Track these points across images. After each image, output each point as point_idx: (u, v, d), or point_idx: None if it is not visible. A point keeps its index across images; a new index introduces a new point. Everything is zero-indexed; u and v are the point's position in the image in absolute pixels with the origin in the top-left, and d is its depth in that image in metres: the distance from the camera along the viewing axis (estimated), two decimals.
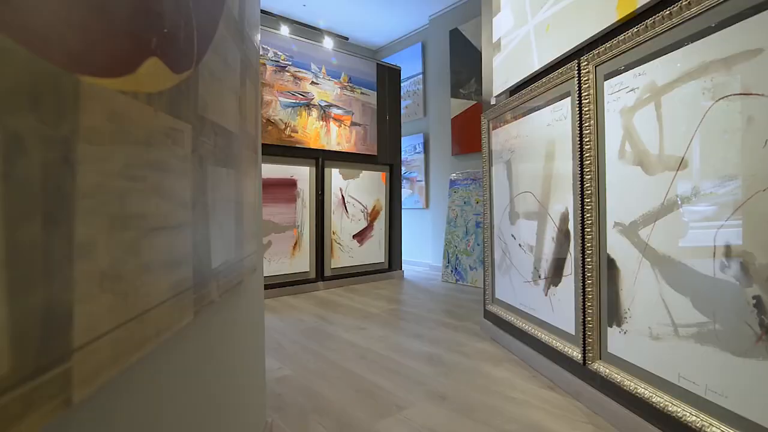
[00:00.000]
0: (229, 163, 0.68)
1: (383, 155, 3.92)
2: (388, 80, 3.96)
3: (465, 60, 4.06)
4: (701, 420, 0.95)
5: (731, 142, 0.88)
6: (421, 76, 4.81)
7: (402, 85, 4.98)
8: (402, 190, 4.94)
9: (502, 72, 1.93)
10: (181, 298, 0.47)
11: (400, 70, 4.12)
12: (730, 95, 0.87)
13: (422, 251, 4.82)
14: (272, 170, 3.12)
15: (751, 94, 0.84)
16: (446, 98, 4.32)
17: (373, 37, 5.18)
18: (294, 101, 3.22)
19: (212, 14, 0.59)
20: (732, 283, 0.88)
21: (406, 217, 4.89)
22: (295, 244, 3.25)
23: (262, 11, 4.19)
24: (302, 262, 3.30)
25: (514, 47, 1.80)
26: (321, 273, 3.43)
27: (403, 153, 4.95)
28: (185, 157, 0.49)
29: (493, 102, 2.07)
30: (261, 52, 3.00)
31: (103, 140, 0.32)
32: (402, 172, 4.97)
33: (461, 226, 3.81)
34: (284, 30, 3.59)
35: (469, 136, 3.99)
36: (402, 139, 4.82)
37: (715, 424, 0.92)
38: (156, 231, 0.41)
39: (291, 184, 3.22)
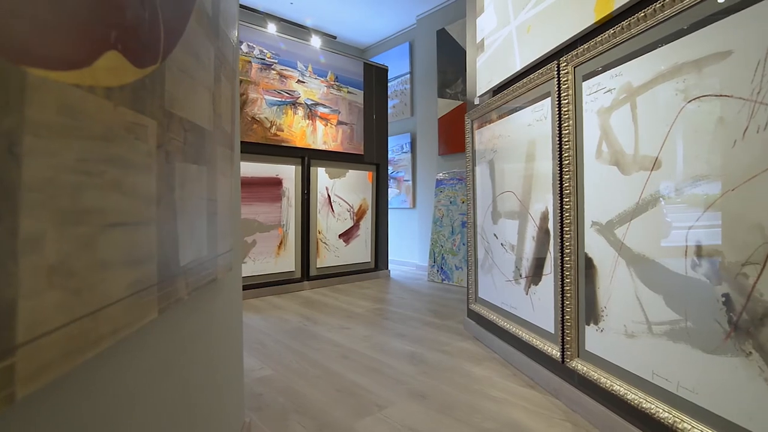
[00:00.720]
0: (201, 160, 0.67)
1: (370, 154, 3.92)
2: (375, 79, 3.96)
3: (452, 60, 4.08)
4: (673, 417, 0.96)
5: (702, 142, 0.89)
6: (408, 75, 4.82)
7: (389, 84, 4.99)
8: (389, 189, 4.95)
9: (486, 72, 1.94)
10: (144, 295, 0.47)
11: (387, 70, 4.12)
12: (702, 96, 0.89)
13: (409, 251, 4.83)
14: (257, 169, 3.09)
15: (721, 95, 0.85)
16: (433, 98, 4.33)
17: (361, 36, 5.17)
18: (280, 100, 3.20)
19: (182, 9, 0.58)
20: (703, 282, 0.90)
21: (393, 216, 4.90)
22: (281, 243, 3.23)
23: (248, 8, 4.16)
24: (287, 262, 3.28)
25: (497, 48, 1.82)
26: (306, 272, 3.42)
27: (390, 152, 4.96)
28: (149, 153, 0.48)
29: (476, 102, 2.08)
30: (246, 50, 2.98)
31: (54, 134, 0.32)
32: (389, 172, 4.98)
33: (447, 226, 3.83)
34: (271, 28, 3.57)
35: (455, 136, 4.00)
36: (389, 138, 4.83)
37: (687, 420, 0.94)
38: (115, 227, 0.40)
39: (276, 183, 3.20)
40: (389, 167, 4.98)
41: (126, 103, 0.42)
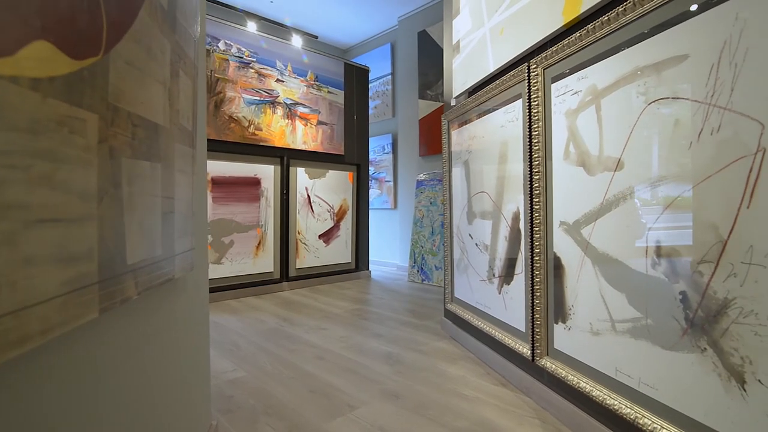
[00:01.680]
0: (154, 157, 0.66)
1: (350, 155, 3.90)
2: (356, 80, 3.96)
3: (432, 62, 4.10)
4: (635, 412, 0.98)
5: (661, 144, 0.91)
6: (390, 76, 4.82)
7: (371, 85, 4.99)
8: (370, 190, 4.94)
9: (461, 73, 1.95)
10: (81, 294, 0.45)
11: (368, 70, 4.12)
12: (660, 99, 0.91)
13: (390, 251, 4.83)
14: (235, 168, 3.05)
15: (678, 98, 0.87)
16: (414, 99, 4.34)
17: (343, 37, 5.16)
18: (258, 99, 3.17)
19: (129, 1, 0.57)
20: (662, 280, 0.92)
21: (374, 217, 4.90)
22: (259, 243, 3.20)
23: (226, 6, 4.11)
24: (266, 262, 3.25)
25: (472, 49, 1.83)
26: (285, 273, 3.39)
27: (372, 153, 4.96)
28: (88, 148, 0.47)
29: (453, 103, 2.10)
30: (224, 48, 2.94)
31: None
32: (371, 173, 4.98)
33: (427, 227, 3.84)
34: (251, 26, 3.52)
35: (435, 137, 4.02)
36: (371, 139, 4.82)
37: (647, 416, 0.95)
38: (43, 223, 0.39)
39: (254, 182, 3.16)
40: (370, 168, 4.98)
41: (58, 95, 0.41)
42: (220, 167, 2.97)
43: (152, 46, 0.65)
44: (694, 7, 0.83)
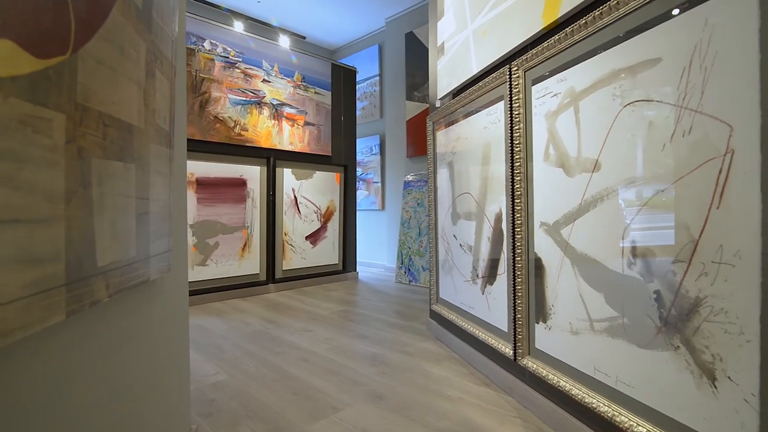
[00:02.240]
0: (128, 157, 0.65)
1: (338, 156, 3.90)
2: (343, 81, 3.95)
3: (419, 63, 4.12)
4: (612, 410, 1.00)
5: (636, 145, 0.93)
6: (377, 77, 4.83)
7: (359, 86, 4.99)
8: (358, 191, 4.94)
9: (446, 75, 1.96)
10: (46, 296, 0.45)
11: (355, 71, 4.12)
12: (635, 101, 0.93)
13: (378, 252, 4.83)
14: (220, 169, 3.03)
15: (652, 100, 0.89)
16: (402, 101, 4.35)
17: (331, 37, 5.15)
18: (244, 99, 3.15)
19: (99, 0, 0.56)
20: (637, 279, 0.94)
21: (362, 218, 4.89)
22: (245, 245, 3.17)
23: (212, 5, 4.07)
24: (252, 264, 3.22)
25: (456, 51, 1.84)
26: (272, 275, 3.37)
27: (360, 154, 4.95)
28: (54, 148, 0.46)
29: (438, 105, 2.11)
30: (209, 48, 2.91)
31: None
32: (359, 174, 4.97)
33: (415, 228, 3.85)
34: (237, 26, 3.49)
35: (423, 138, 4.04)
36: (359, 140, 4.82)
37: (624, 414, 0.97)
38: (4, 224, 0.38)
39: (240, 183, 3.14)
40: (358, 169, 4.98)
41: (20, 94, 0.40)
42: (205, 168, 2.94)
43: (126, 46, 0.64)
44: (676, 12, 0.84)
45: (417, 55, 4.16)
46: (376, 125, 4.87)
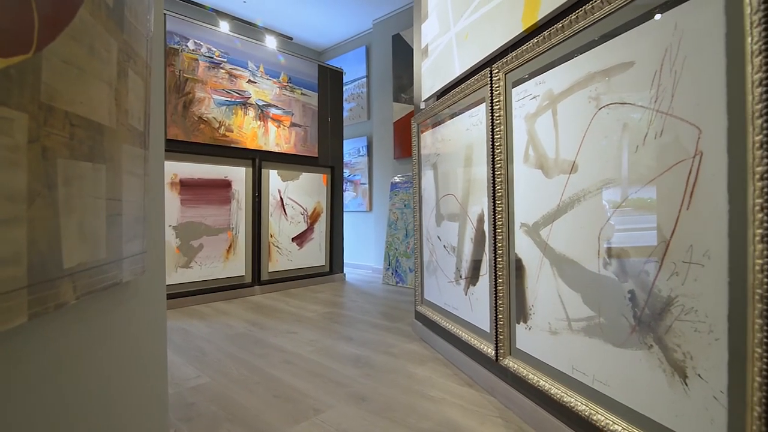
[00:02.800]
0: (98, 158, 0.64)
1: (324, 157, 3.89)
2: (330, 82, 3.95)
3: (406, 65, 4.13)
4: (589, 409, 1.01)
5: (611, 147, 0.94)
6: (365, 79, 4.83)
7: (346, 87, 4.99)
8: (345, 192, 4.93)
9: (429, 77, 1.97)
10: (6, 298, 0.44)
11: (342, 73, 4.12)
12: (610, 104, 0.94)
13: (365, 254, 4.83)
14: (204, 170, 3.00)
15: (625, 103, 0.91)
16: (389, 102, 4.36)
17: (318, 38, 5.14)
18: (229, 99, 3.13)
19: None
20: (612, 279, 0.95)
21: (350, 219, 4.89)
22: (230, 247, 3.15)
23: (197, 4, 4.04)
24: (237, 266, 3.20)
25: (440, 53, 1.85)
26: (257, 277, 3.34)
27: (347, 155, 4.95)
28: (16, 148, 0.45)
29: (422, 106, 2.12)
30: (193, 48, 2.89)
31: None
32: (346, 175, 4.97)
33: (402, 229, 3.86)
34: (223, 26, 3.47)
35: (409, 140, 4.04)
36: (346, 141, 4.82)
37: (601, 412, 0.98)
38: None
39: (225, 185, 3.11)
40: (346, 170, 4.97)
41: None
42: (189, 169, 2.91)
43: (96, 45, 0.63)
44: (658, 17, 0.85)
45: (404, 57, 4.17)
46: (364, 127, 4.87)
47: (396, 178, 4.05)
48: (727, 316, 0.71)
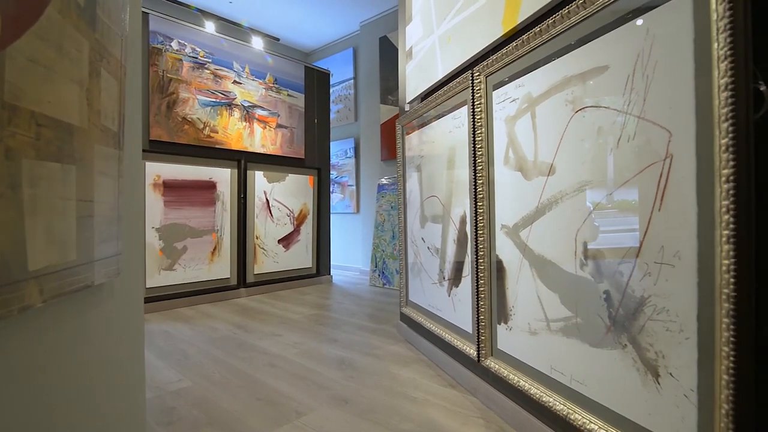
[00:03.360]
0: (67, 159, 0.63)
1: (311, 159, 3.88)
2: (317, 83, 3.94)
3: (393, 67, 4.14)
4: (567, 408, 1.02)
5: (587, 150, 0.96)
6: (352, 81, 4.83)
7: (334, 89, 4.98)
8: (333, 194, 4.92)
9: (413, 79, 1.98)
10: None
11: (329, 74, 4.11)
12: (586, 107, 0.96)
13: (353, 256, 4.82)
14: (189, 171, 2.96)
15: (600, 106, 0.92)
16: (376, 104, 4.37)
17: (306, 40, 5.13)
18: (214, 100, 3.10)
19: None
20: (589, 280, 0.96)
21: (337, 221, 4.87)
22: (215, 249, 3.12)
23: (181, 4, 4.00)
24: (222, 268, 3.17)
25: (424, 55, 1.86)
26: (243, 279, 3.31)
27: (334, 157, 4.94)
28: None
29: (407, 108, 2.12)
30: (177, 48, 2.86)
31: None
32: (333, 177, 4.96)
33: (389, 231, 3.86)
34: (208, 26, 3.43)
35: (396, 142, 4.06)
36: (334, 143, 4.81)
37: (578, 411, 0.99)
38: None
39: (209, 186, 3.08)
40: (333, 172, 4.96)
41: None
42: (172, 170, 2.87)
43: (65, 44, 0.62)
44: (639, 23, 0.86)
45: (391, 59, 4.18)
46: (351, 128, 4.87)
47: (383, 179, 4.05)
48: (696, 316, 0.73)
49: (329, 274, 4.07)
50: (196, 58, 3.01)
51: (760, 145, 0.67)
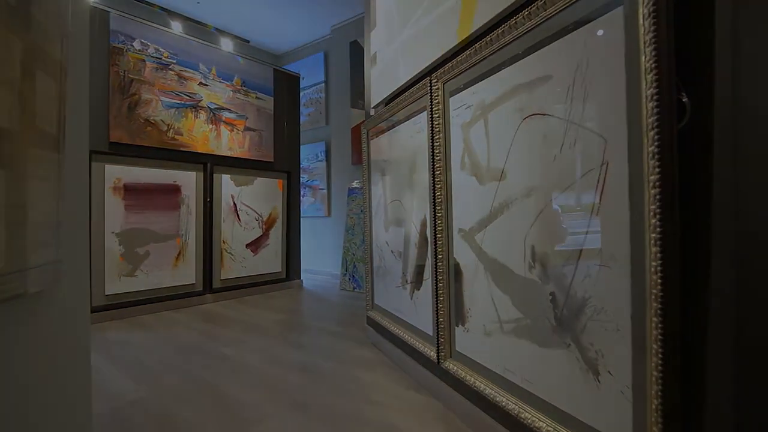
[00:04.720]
0: None
1: (280, 162, 3.84)
2: (286, 86, 3.91)
3: (363, 71, 4.16)
4: (518, 407, 1.04)
5: (533, 156, 0.99)
6: (323, 84, 4.82)
7: (305, 92, 4.96)
8: (304, 197, 4.89)
9: (378, 84, 2.00)
10: None
11: (298, 77, 4.08)
12: (532, 115, 0.99)
13: (324, 259, 4.80)
14: (151, 175, 2.89)
15: (545, 114, 0.95)
16: (346, 108, 4.37)
17: (276, 43, 5.09)
18: (178, 102, 3.03)
19: None
20: (537, 282, 0.99)
21: (308, 225, 4.84)
22: (179, 254, 3.04)
23: (146, 3, 3.91)
24: (187, 274, 3.09)
25: (387, 61, 1.88)
26: (209, 285, 3.24)
27: (305, 161, 4.91)
28: None
29: (372, 113, 2.13)
30: (139, 48, 2.79)
31: None
32: (305, 180, 4.92)
33: (359, 234, 3.86)
34: (174, 26, 3.36)
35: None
36: (305, 146, 4.78)
37: (528, 410, 1.02)
38: None
39: (174, 189, 3.01)
40: (304, 175, 4.93)
41: None
42: (134, 173, 2.79)
43: None
44: (600, 33, 0.88)
45: (361, 64, 4.19)
46: (322, 131, 4.85)
47: (354, 183, 4.05)
48: (630, 316, 0.76)
49: (299, 278, 4.03)
50: (160, 58, 2.94)
51: (684, 152, 0.71)
